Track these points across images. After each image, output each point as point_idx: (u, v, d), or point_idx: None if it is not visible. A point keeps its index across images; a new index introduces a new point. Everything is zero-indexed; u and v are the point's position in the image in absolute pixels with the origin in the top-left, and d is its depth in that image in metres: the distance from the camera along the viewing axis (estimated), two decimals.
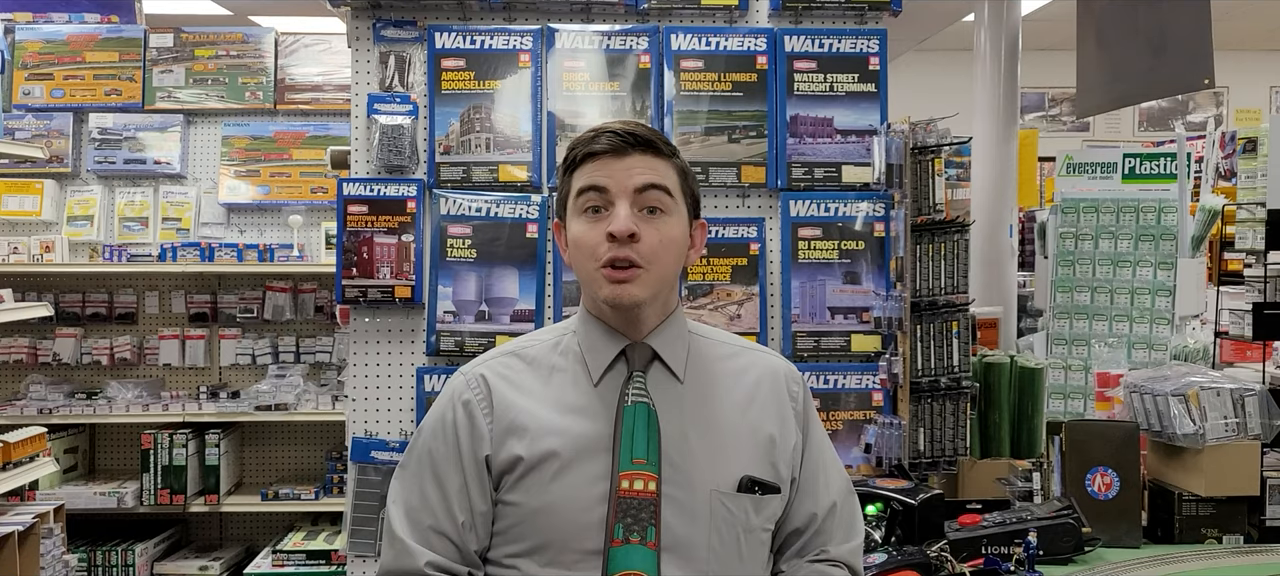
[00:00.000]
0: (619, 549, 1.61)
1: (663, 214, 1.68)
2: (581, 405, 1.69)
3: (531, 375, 1.73)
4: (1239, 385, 2.58)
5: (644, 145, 1.69)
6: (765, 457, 1.72)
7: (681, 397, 1.71)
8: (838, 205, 3.11)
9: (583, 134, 1.74)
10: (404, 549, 1.68)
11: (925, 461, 2.90)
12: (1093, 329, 4.31)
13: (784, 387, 1.78)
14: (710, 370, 1.76)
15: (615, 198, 1.66)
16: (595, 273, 1.67)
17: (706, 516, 1.66)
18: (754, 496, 1.69)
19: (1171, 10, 4.16)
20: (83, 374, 5.12)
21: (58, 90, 5.10)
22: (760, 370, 1.78)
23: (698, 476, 1.67)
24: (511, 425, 1.68)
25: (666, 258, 1.69)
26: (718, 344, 1.80)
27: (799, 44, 3.14)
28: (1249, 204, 3.08)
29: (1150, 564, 2.41)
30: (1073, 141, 9.70)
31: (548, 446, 1.66)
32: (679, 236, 1.71)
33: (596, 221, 1.67)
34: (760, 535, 1.71)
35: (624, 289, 1.66)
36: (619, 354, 1.71)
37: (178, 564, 4.89)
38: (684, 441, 1.68)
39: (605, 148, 1.68)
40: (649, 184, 1.67)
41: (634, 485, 1.63)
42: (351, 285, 3.05)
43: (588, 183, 1.68)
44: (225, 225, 5.20)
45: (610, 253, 1.65)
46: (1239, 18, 8.65)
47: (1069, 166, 4.55)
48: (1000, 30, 5.82)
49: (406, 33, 3.14)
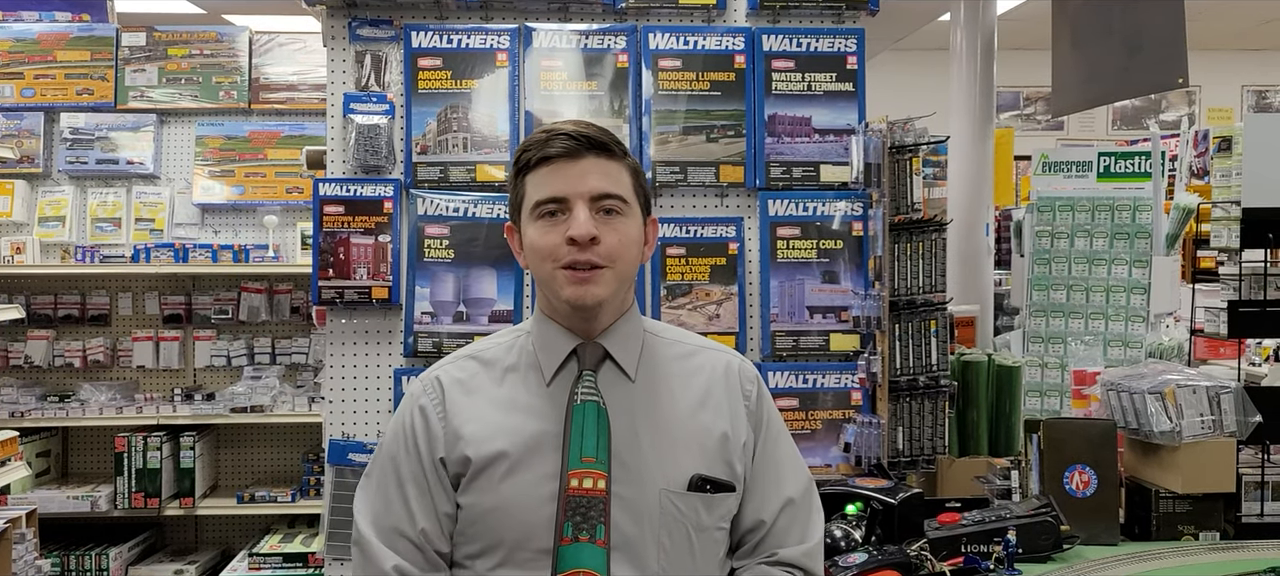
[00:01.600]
0: (568, 547, 1.61)
1: (619, 216, 1.69)
2: (532, 405, 1.70)
3: (486, 376, 1.75)
4: (1215, 382, 2.60)
5: (597, 148, 1.69)
6: (718, 456, 1.71)
7: (632, 396, 1.71)
8: (816, 204, 3.11)
9: (534, 135, 1.73)
10: (371, 552, 1.69)
11: (904, 460, 2.91)
12: (1068, 326, 4.33)
13: (737, 384, 1.77)
14: (663, 369, 1.76)
15: (573, 203, 1.67)
16: (555, 273, 1.68)
17: (656, 515, 1.66)
18: (705, 495, 1.68)
19: (1146, 10, 4.19)
20: (55, 376, 5.06)
21: (28, 89, 5.04)
22: (714, 368, 1.78)
23: (647, 475, 1.67)
24: (462, 427, 1.70)
25: (627, 256, 1.70)
26: (672, 343, 1.80)
27: (777, 43, 3.14)
28: (1224, 202, 3.10)
29: (1128, 561, 2.42)
30: (1047, 140, 9.76)
31: (497, 447, 1.67)
32: (636, 236, 1.72)
33: (554, 224, 1.67)
34: (714, 533, 1.71)
35: (586, 289, 1.67)
36: (571, 353, 1.72)
37: (152, 568, 4.84)
38: (634, 439, 1.68)
39: (559, 151, 1.68)
40: (605, 192, 1.68)
41: (583, 483, 1.63)
42: (328, 286, 3.03)
43: (546, 194, 1.68)
44: (199, 226, 5.15)
45: (571, 255, 1.66)
46: (1210, 17, 8.73)
47: (1045, 165, 4.56)
48: (976, 29, 5.85)
49: (383, 32, 3.12)
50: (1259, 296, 2.83)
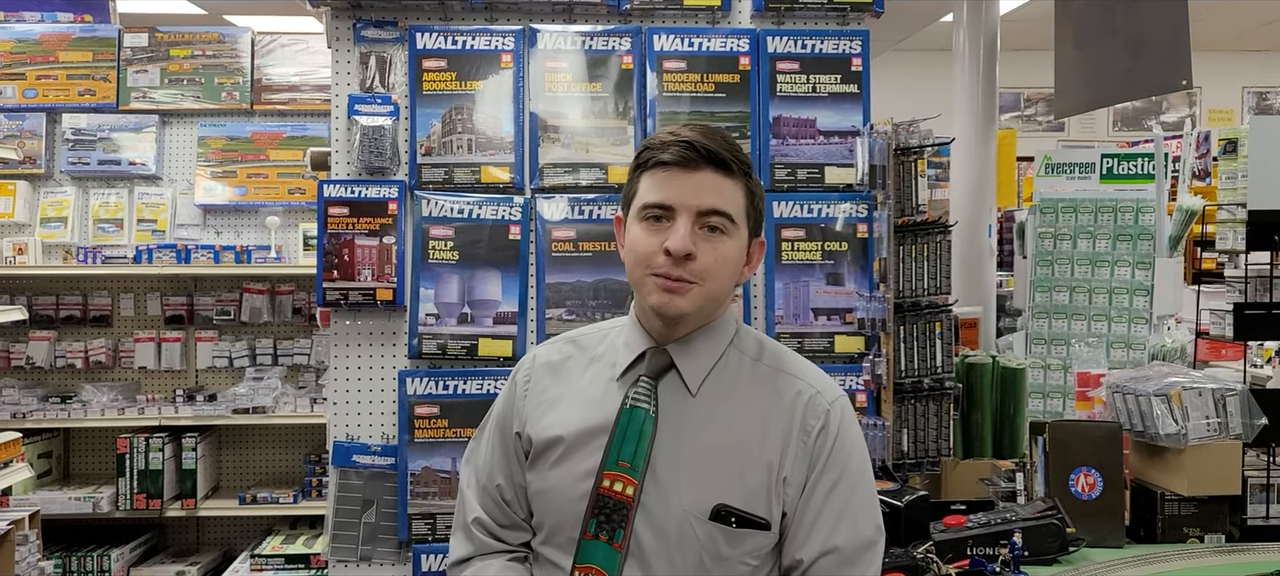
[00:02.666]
0: (588, 542, 1.66)
1: (722, 234, 1.67)
2: (597, 398, 1.74)
3: (577, 361, 1.80)
4: (1220, 385, 2.60)
5: (716, 161, 1.67)
6: (759, 489, 1.65)
7: (688, 411, 1.69)
8: (821, 206, 3.11)
9: (658, 134, 1.72)
10: (465, 503, 1.83)
11: (909, 462, 2.90)
12: (1071, 328, 4.33)
13: (801, 416, 1.69)
14: (733, 388, 1.71)
15: (678, 214, 1.65)
16: (645, 278, 1.68)
17: (675, 535, 1.64)
18: (726, 527, 1.64)
19: (1149, 11, 4.19)
20: (57, 377, 5.05)
21: (30, 90, 5.04)
22: (785, 394, 1.71)
23: (676, 493, 1.65)
24: (537, 407, 1.78)
25: (720, 276, 1.68)
26: (758, 364, 1.75)
27: (781, 45, 3.13)
28: (1229, 204, 3.10)
29: (1134, 563, 2.42)
30: (1048, 141, 9.76)
31: (555, 433, 1.74)
32: (735, 256, 1.69)
33: (656, 230, 1.66)
34: (737, 567, 1.65)
35: (671, 299, 1.66)
36: (640, 355, 1.73)
37: (154, 569, 4.84)
38: (675, 455, 1.67)
39: (675, 159, 1.66)
40: (713, 209, 1.66)
41: (614, 486, 1.66)
42: (332, 288, 3.02)
43: (653, 199, 1.67)
44: (201, 226, 5.15)
45: (665, 266, 1.65)
46: (1211, 18, 8.74)
47: (1047, 166, 4.57)
48: (979, 30, 5.85)
49: (387, 33, 3.11)
50: (1264, 298, 2.83)
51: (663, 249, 1.64)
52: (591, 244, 3.06)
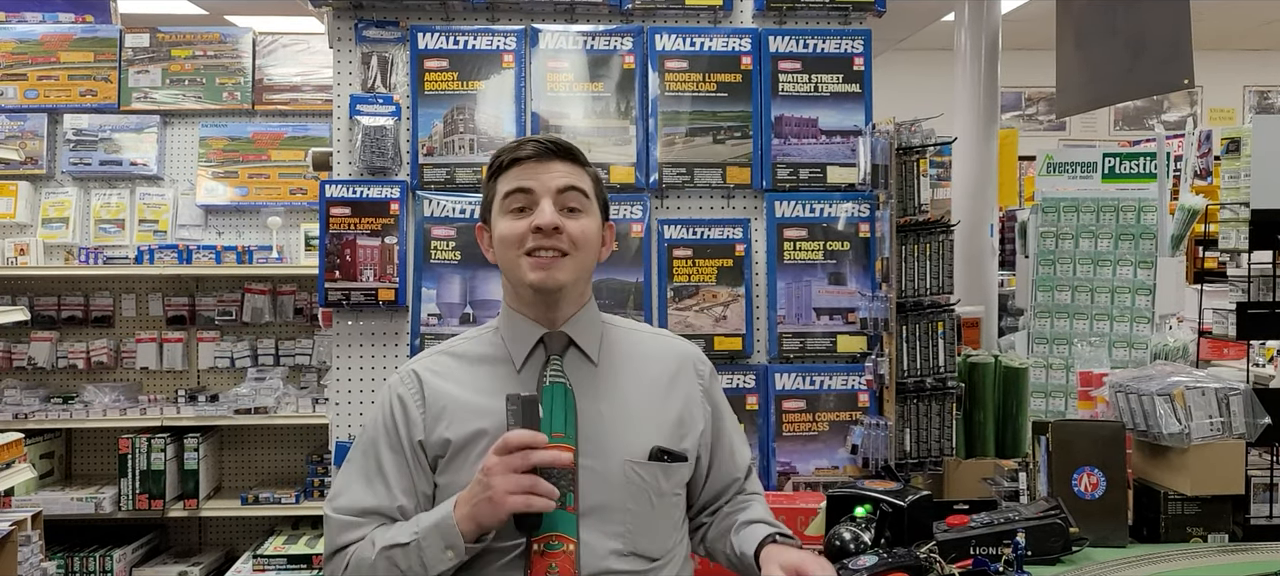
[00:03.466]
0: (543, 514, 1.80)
1: (581, 211, 1.89)
2: (505, 391, 1.85)
3: (460, 368, 1.93)
4: (1224, 384, 2.59)
5: (564, 154, 1.91)
6: (674, 430, 1.94)
7: (595, 378, 1.91)
8: (823, 206, 3.11)
9: (507, 144, 1.95)
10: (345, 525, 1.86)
11: (911, 462, 2.90)
12: (1073, 328, 4.33)
13: (692, 368, 2.02)
14: (622, 355, 1.97)
15: (540, 196, 1.87)
16: (520, 260, 1.86)
17: (621, 483, 1.86)
18: (663, 464, 1.90)
19: (1151, 11, 4.18)
20: (58, 378, 5.06)
21: (32, 91, 5.04)
22: (669, 354, 2.02)
23: (612, 448, 1.87)
24: (442, 412, 1.88)
25: (587, 247, 1.90)
26: (629, 332, 2.04)
27: (783, 44, 3.13)
28: (1232, 204, 3.09)
29: (1137, 563, 2.41)
30: (1049, 141, 9.77)
31: (475, 427, 1.85)
32: (595, 231, 1.92)
33: (521, 217, 1.87)
34: (671, 498, 1.94)
35: (549, 273, 1.85)
36: (538, 341, 1.91)
37: (157, 569, 4.84)
38: (599, 417, 1.88)
39: (530, 154, 1.89)
40: (569, 185, 1.88)
41: None
42: (334, 288, 3.02)
43: (515, 186, 1.88)
44: (203, 227, 5.15)
45: (535, 241, 1.85)
46: (1212, 17, 8.73)
47: (1049, 166, 4.56)
48: (980, 30, 5.84)
49: (389, 33, 3.11)
50: (1267, 298, 2.83)
51: (532, 227, 1.84)
52: None
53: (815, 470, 3.06)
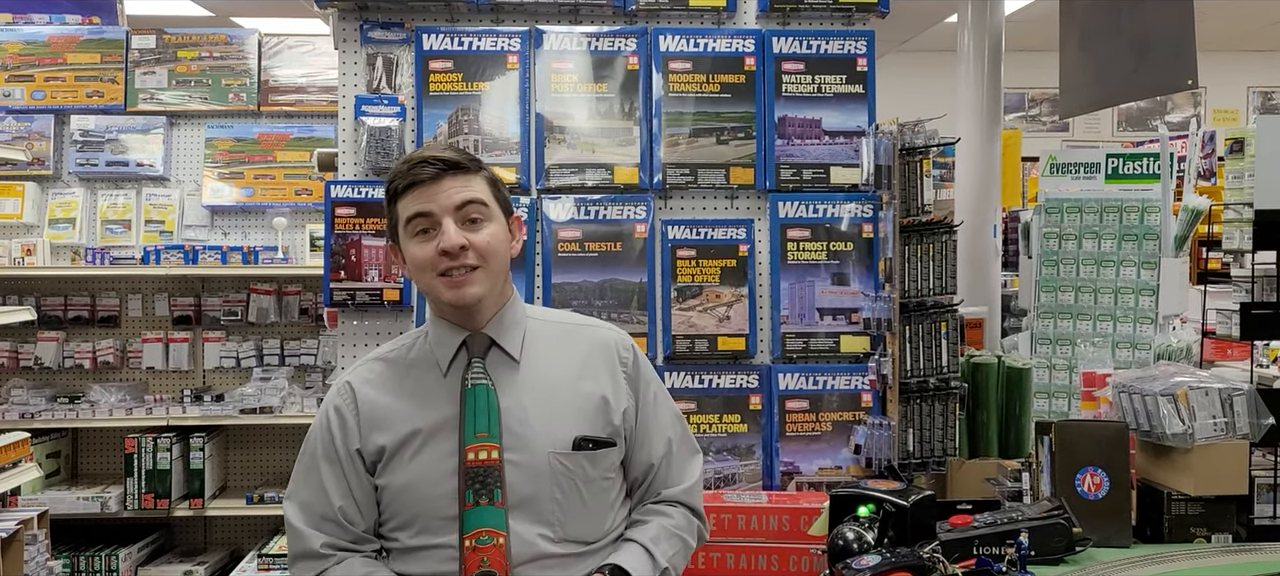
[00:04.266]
0: (471, 511, 1.90)
1: (483, 221, 1.95)
2: (433, 394, 1.98)
3: (392, 375, 2.02)
4: (1227, 385, 2.60)
5: (454, 167, 1.96)
6: (599, 417, 2.00)
7: (518, 375, 1.99)
8: (826, 206, 3.11)
9: (398, 166, 1.99)
10: (300, 535, 1.99)
11: (914, 462, 2.90)
12: (1077, 328, 4.33)
13: (614, 355, 2.06)
14: (545, 347, 2.03)
15: (440, 217, 1.93)
16: (434, 282, 1.94)
17: (547, 474, 1.94)
18: (588, 452, 1.97)
19: (1155, 12, 4.19)
20: (65, 378, 5.07)
21: (39, 92, 5.06)
22: (592, 342, 2.07)
23: (536, 441, 1.95)
24: (374, 420, 1.98)
25: (497, 253, 1.97)
26: (553, 324, 2.10)
27: (787, 45, 3.14)
28: (1236, 204, 3.10)
29: (1140, 563, 2.42)
30: (1052, 142, 9.76)
31: (406, 431, 1.95)
32: (501, 236, 1.98)
33: (427, 240, 1.93)
34: (601, 483, 2.00)
35: (464, 291, 1.94)
36: (460, 345, 1.99)
37: (162, 569, 4.85)
38: (522, 412, 1.96)
39: (422, 177, 1.94)
40: (466, 200, 1.94)
41: (479, 455, 1.92)
42: (339, 288, 3.04)
43: (414, 211, 1.94)
44: (209, 227, 5.17)
45: (445, 264, 1.92)
46: (1216, 18, 8.72)
47: (1053, 167, 4.56)
48: (984, 31, 5.85)
49: (394, 34, 3.13)
50: (1271, 298, 2.83)
51: (439, 250, 1.91)
52: (597, 244, 3.07)
53: (818, 470, 3.07)
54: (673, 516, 2.08)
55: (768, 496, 2.89)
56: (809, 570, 2.72)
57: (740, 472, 3.07)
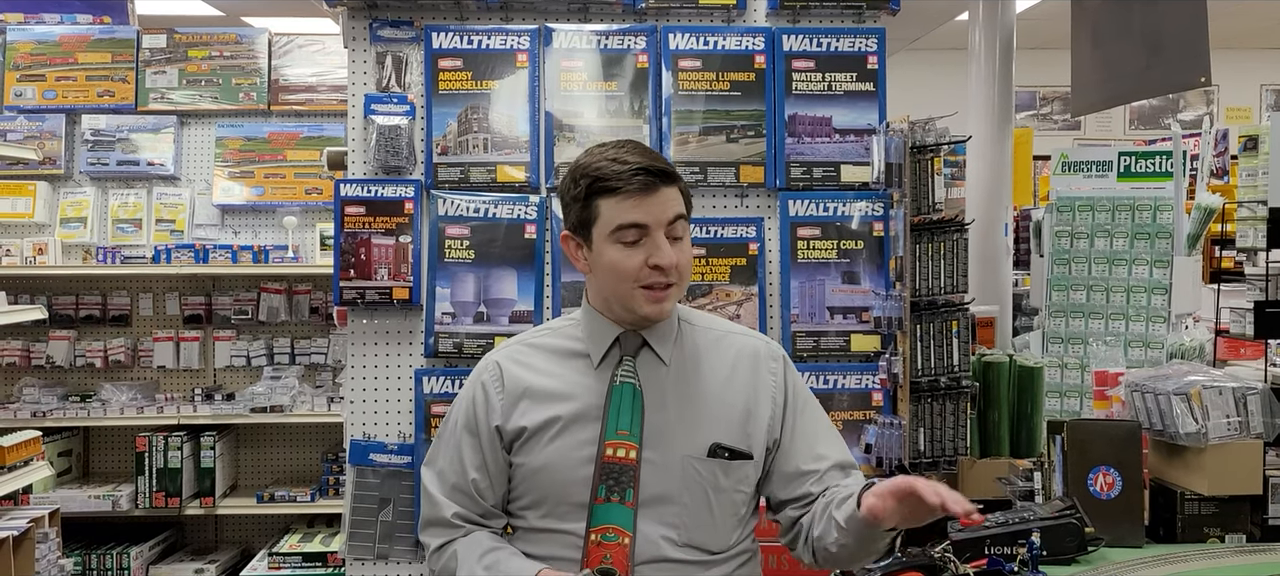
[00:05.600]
0: (601, 506, 1.91)
1: (683, 238, 1.96)
2: (580, 383, 1.99)
3: (541, 359, 2.04)
4: (1241, 384, 2.58)
5: (667, 178, 1.94)
6: (739, 427, 1.99)
7: (665, 377, 2.00)
8: (836, 205, 3.10)
9: (609, 166, 1.93)
10: (435, 502, 2.04)
11: (925, 461, 2.90)
12: (1089, 327, 4.31)
13: (763, 365, 2.05)
14: (694, 352, 2.04)
15: (654, 231, 1.92)
16: (635, 292, 1.94)
17: (679, 477, 1.95)
18: (722, 460, 1.96)
19: (1167, 9, 4.16)
20: (76, 376, 5.09)
21: (50, 92, 5.08)
22: (740, 349, 2.06)
23: (673, 443, 1.96)
24: (520, 399, 2.00)
25: (689, 272, 2.00)
26: (705, 330, 2.08)
27: (797, 43, 3.13)
28: (1250, 202, 3.08)
29: (1153, 563, 2.41)
30: (1064, 140, 9.72)
31: (548, 414, 1.97)
32: (691, 251, 2.00)
33: (635, 249, 1.92)
34: (732, 495, 1.99)
35: (662, 307, 1.96)
36: (614, 341, 2.00)
37: (173, 567, 4.87)
38: (664, 413, 1.97)
39: (639, 188, 1.91)
40: (676, 216, 1.94)
41: (617, 452, 1.93)
42: (349, 287, 3.03)
43: (629, 220, 1.91)
44: (219, 226, 5.18)
45: (652, 277, 1.93)
46: (1229, 16, 8.68)
47: (1064, 165, 4.54)
48: (995, 29, 5.82)
49: (403, 33, 3.12)
50: None
51: (650, 264, 1.92)
52: None
53: None
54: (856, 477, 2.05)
55: None
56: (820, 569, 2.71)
57: None
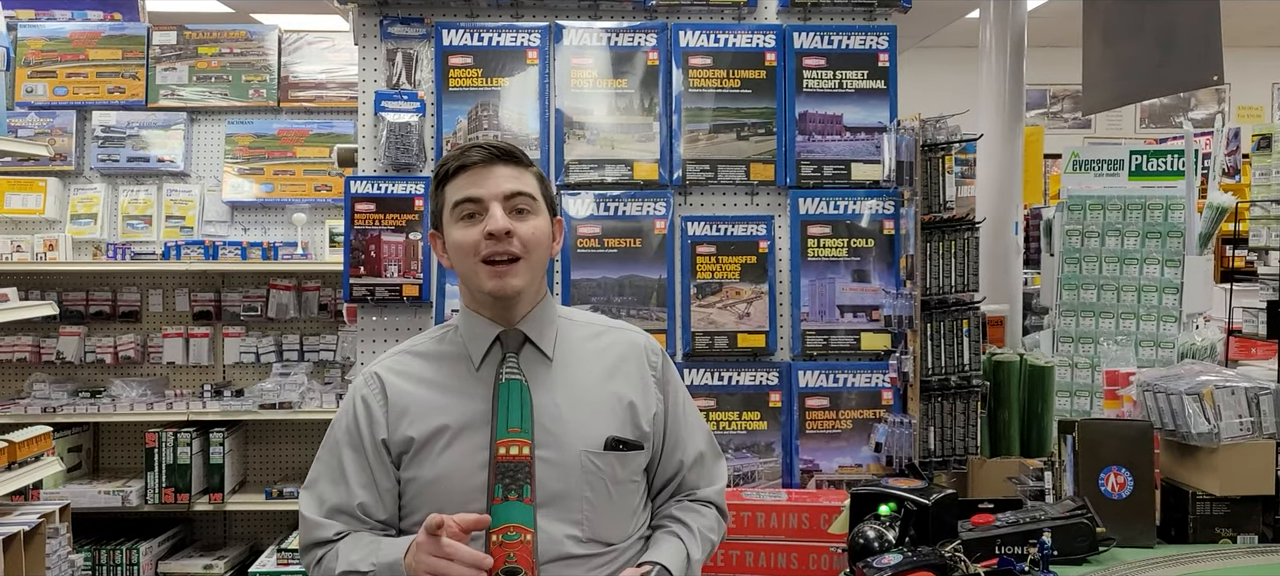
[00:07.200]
0: (499, 506, 1.87)
1: (530, 214, 1.94)
2: (465, 387, 1.95)
3: (422, 366, 1.99)
4: (1254, 384, 2.56)
5: (506, 157, 1.95)
6: (628, 420, 1.98)
7: (551, 373, 1.97)
8: (847, 203, 3.10)
9: (451, 152, 1.99)
10: (314, 524, 1.95)
11: (935, 460, 2.89)
12: (1099, 326, 4.29)
13: (644, 359, 2.05)
14: (577, 348, 2.02)
15: (489, 203, 1.91)
16: (477, 267, 1.91)
17: (578, 473, 1.92)
18: (619, 453, 1.96)
19: (1180, 7, 4.14)
20: (86, 372, 5.10)
21: (61, 88, 5.09)
22: (622, 345, 2.05)
23: (568, 439, 1.93)
24: (404, 410, 1.94)
25: (539, 248, 1.95)
26: (584, 326, 2.08)
27: (808, 41, 3.12)
28: (1263, 201, 3.06)
29: (1165, 564, 2.39)
30: (1074, 138, 9.68)
31: (436, 424, 1.92)
32: (545, 231, 1.97)
33: (473, 225, 1.91)
34: (628, 486, 1.99)
35: (505, 280, 1.91)
36: (495, 339, 1.97)
37: (182, 562, 4.88)
38: (555, 410, 1.94)
39: (474, 160, 1.93)
40: (516, 191, 1.93)
41: (510, 450, 1.89)
42: (359, 283, 3.04)
43: (463, 194, 1.92)
44: (229, 223, 5.19)
45: (489, 249, 1.90)
46: (1240, 15, 8.63)
47: (1075, 163, 4.52)
48: (1006, 27, 5.80)
49: (414, 30, 3.13)
50: None
51: (485, 234, 1.89)
52: (617, 241, 3.06)
53: (838, 467, 3.05)
54: (705, 516, 2.09)
55: (787, 494, 2.88)
56: (829, 569, 2.71)
57: (760, 470, 3.06)
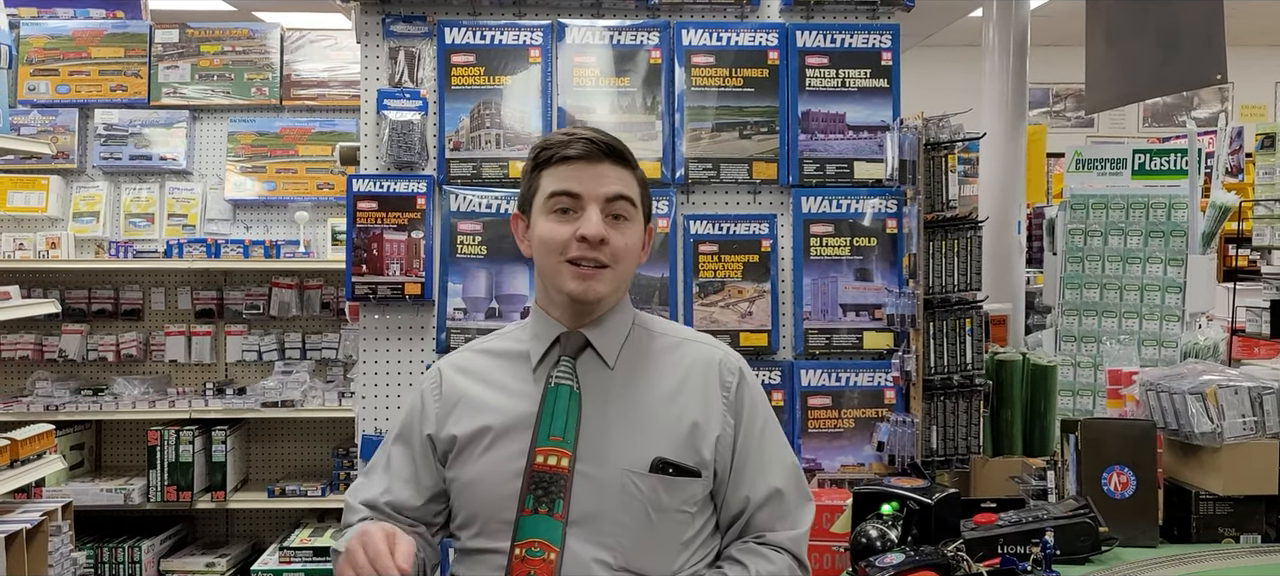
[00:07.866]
0: (527, 518, 1.73)
1: (626, 221, 1.81)
2: (518, 388, 1.83)
3: (484, 363, 1.89)
4: (1257, 383, 2.56)
5: (614, 155, 1.81)
6: (686, 442, 1.80)
7: (609, 382, 1.82)
8: (850, 201, 3.09)
9: (555, 134, 1.85)
10: (348, 508, 1.90)
11: (938, 459, 2.89)
12: (1102, 326, 4.29)
13: (716, 376, 1.86)
14: (646, 358, 1.86)
15: (587, 203, 1.78)
16: (561, 266, 1.79)
17: (616, 493, 1.76)
18: (666, 477, 1.77)
19: (1183, 6, 4.13)
20: (89, 370, 5.11)
21: (63, 86, 5.09)
22: (695, 360, 1.87)
23: (612, 455, 1.77)
24: (453, 407, 1.85)
25: (629, 259, 1.83)
26: (661, 335, 1.91)
27: (811, 39, 3.12)
28: (1267, 200, 3.06)
29: (1168, 563, 2.39)
30: (1077, 137, 9.67)
31: (480, 424, 1.81)
32: (638, 242, 1.84)
33: (565, 221, 1.78)
34: (676, 515, 1.79)
35: (589, 285, 1.78)
36: (555, 340, 1.84)
37: (184, 560, 4.88)
38: (604, 422, 1.79)
39: (579, 154, 1.79)
40: (618, 194, 1.80)
41: (548, 460, 1.75)
42: (361, 282, 3.04)
43: (561, 187, 1.79)
44: (231, 221, 5.19)
45: (578, 251, 1.77)
46: (1244, 14, 8.62)
47: (1078, 162, 4.52)
48: (1009, 26, 5.80)
49: (416, 28, 3.12)
50: None
51: (577, 236, 1.76)
52: None
53: (841, 467, 3.05)
54: (773, 562, 1.84)
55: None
56: (831, 568, 2.71)
57: None
